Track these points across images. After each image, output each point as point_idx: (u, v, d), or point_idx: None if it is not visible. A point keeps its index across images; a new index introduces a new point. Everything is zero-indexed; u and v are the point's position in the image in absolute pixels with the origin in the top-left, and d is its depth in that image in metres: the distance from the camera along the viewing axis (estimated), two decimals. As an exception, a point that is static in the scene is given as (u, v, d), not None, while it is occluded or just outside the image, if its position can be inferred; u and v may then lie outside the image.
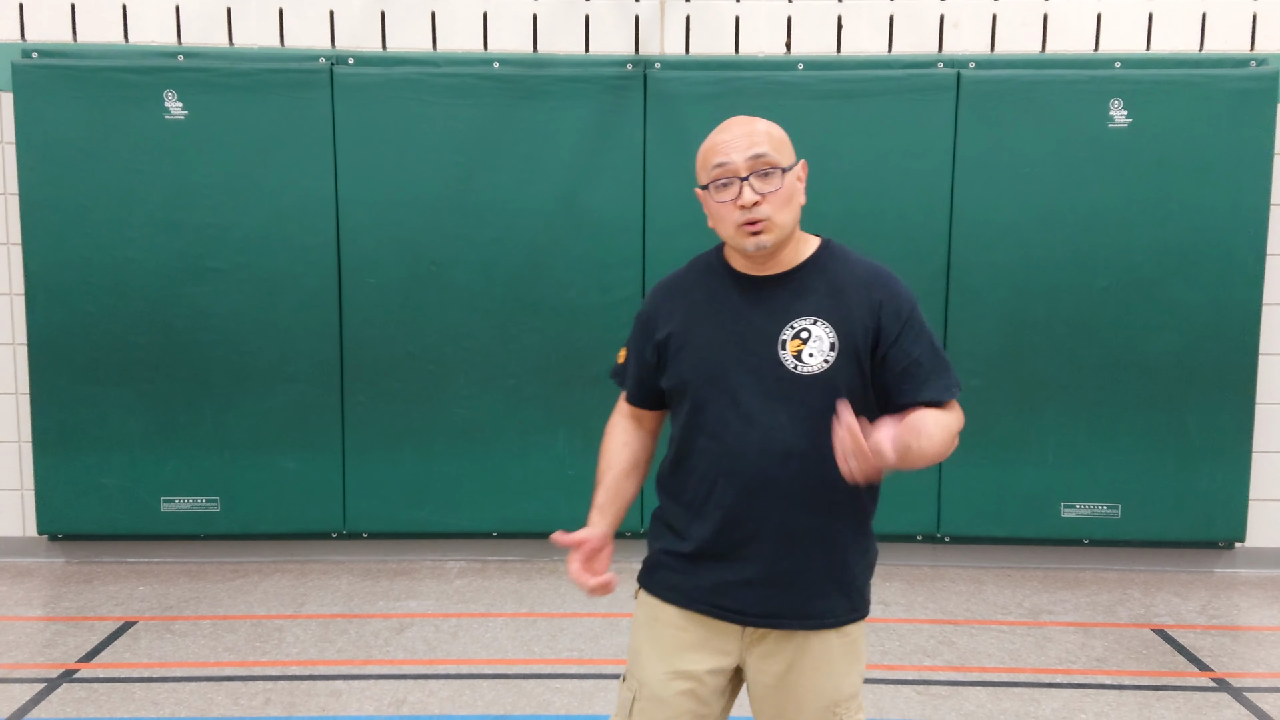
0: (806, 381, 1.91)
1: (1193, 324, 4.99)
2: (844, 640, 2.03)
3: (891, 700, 3.75)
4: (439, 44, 5.08)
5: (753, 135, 1.93)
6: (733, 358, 1.95)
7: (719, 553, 1.98)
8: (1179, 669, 4.08)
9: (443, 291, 5.03)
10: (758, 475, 1.93)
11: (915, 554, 5.26)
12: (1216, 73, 4.90)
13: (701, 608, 2.01)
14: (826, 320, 1.94)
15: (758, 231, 1.92)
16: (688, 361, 1.99)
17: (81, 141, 4.89)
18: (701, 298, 2.03)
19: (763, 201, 1.90)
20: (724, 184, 1.92)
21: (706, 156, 1.96)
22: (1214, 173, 4.91)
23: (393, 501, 5.14)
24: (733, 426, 1.94)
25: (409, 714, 3.60)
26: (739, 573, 1.97)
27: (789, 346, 1.93)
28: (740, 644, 2.02)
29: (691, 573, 2.01)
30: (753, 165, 1.91)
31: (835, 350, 1.92)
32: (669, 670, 2.02)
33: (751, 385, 1.93)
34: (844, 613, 2.03)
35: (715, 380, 1.95)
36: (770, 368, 1.93)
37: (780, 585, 1.97)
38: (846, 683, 2.04)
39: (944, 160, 4.95)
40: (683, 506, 2.03)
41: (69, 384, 5.01)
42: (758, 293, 1.99)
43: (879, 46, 5.09)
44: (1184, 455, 5.06)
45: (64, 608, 4.65)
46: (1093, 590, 4.95)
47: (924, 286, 5.01)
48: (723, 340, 1.97)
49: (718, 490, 1.96)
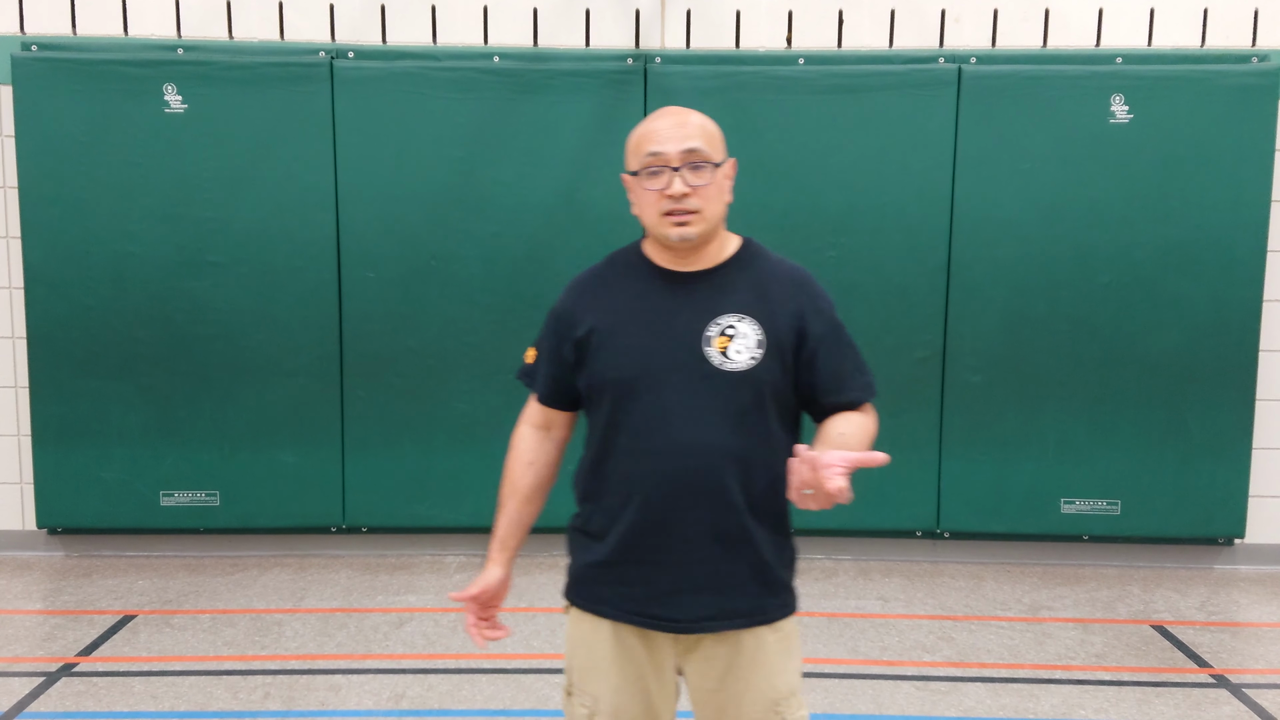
0: (733, 378, 1.90)
1: (1193, 320, 4.98)
2: (778, 636, 2.00)
3: (891, 696, 3.75)
4: (439, 38, 5.07)
5: (687, 127, 1.93)
6: (656, 355, 1.92)
7: (642, 558, 1.95)
8: (1178, 665, 4.08)
9: (443, 286, 5.03)
10: (680, 474, 1.90)
11: (915, 550, 5.26)
12: (1218, 68, 4.89)
13: (634, 619, 1.97)
14: (753, 317, 1.93)
15: (684, 223, 1.91)
16: (609, 359, 1.96)
17: (81, 135, 4.88)
18: (622, 294, 2.00)
19: (692, 194, 1.90)
20: (654, 172, 1.91)
21: (639, 143, 1.94)
22: (1215, 169, 4.90)
23: (392, 496, 5.14)
24: (655, 425, 1.91)
25: (408, 708, 3.61)
26: (666, 579, 1.94)
27: (715, 343, 1.91)
28: (675, 650, 2.00)
29: (618, 583, 1.98)
30: (685, 158, 1.90)
31: (762, 347, 1.91)
32: (622, 680, 2.00)
33: (676, 383, 1.90)
34: (774, 609, 2.00)
35: (638, 378, 1.92)
36: (696, 364, 1.90)
37: (708, 588, 1.94)
38: (784, 680, 2.01)
39: (945, 156, 4.95)
40: (603, 509, 2.00)
41: (68, 378, 5.00)
42: (681, 289, 1.97)
43: (880, 41, 5.08)
44: (1184, 451, 5.06)
45: (63, 601, 4.65)
46: (1092, 586, 4.95)
47: (924, 282, 5.01)
48: (646, 337, 1.94)
49: (639, 491, 1.93)
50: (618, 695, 2.01)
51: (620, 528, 1.96)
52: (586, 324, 1.99)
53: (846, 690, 3.79)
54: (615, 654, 2.00)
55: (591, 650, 2.04)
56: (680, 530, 1.92)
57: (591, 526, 2.03)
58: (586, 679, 2.04)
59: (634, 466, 1.93)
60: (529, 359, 2.17)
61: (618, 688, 2.01)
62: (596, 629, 2.02)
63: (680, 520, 1.91)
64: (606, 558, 1.98)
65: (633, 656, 2.00)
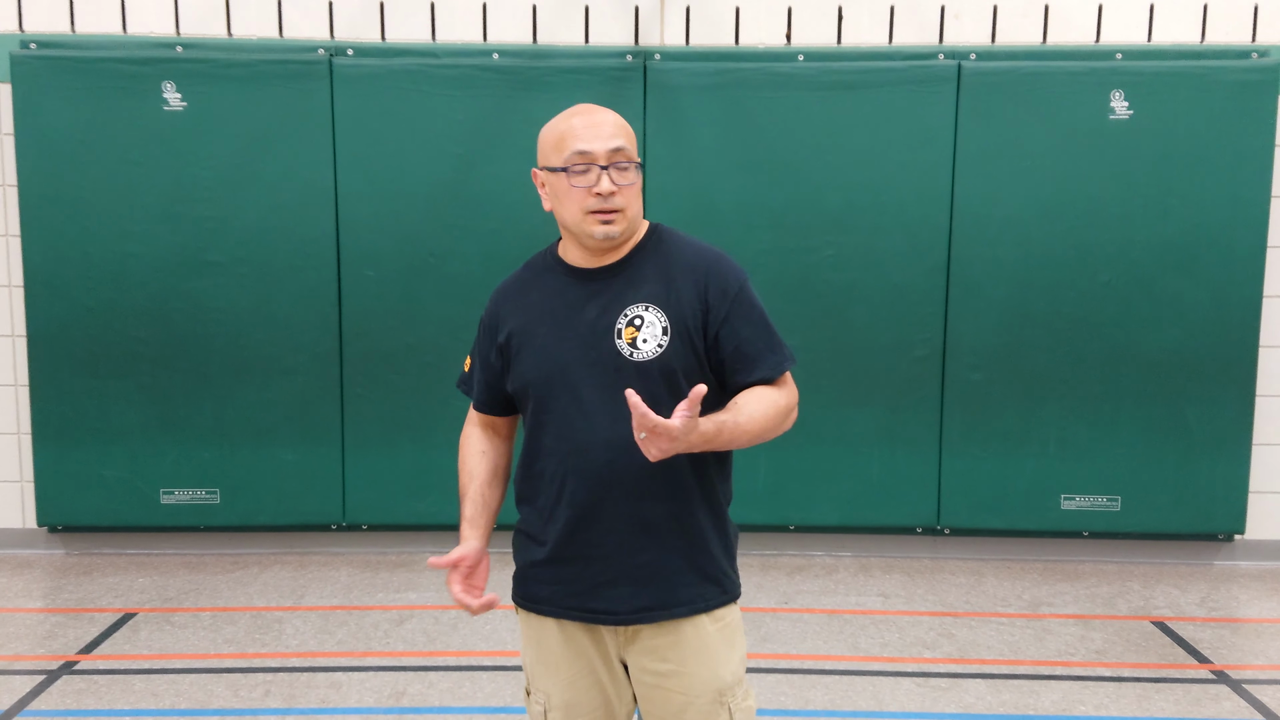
0: (643, 368, 1.91)
1: (1193, 317, 4.98)
2: (719, 625, 2.01)
3: (891, 692, 3.75)
4: (438, 35, 5.07)
5: (613, 126, 1.95)
6: (571, 353, 1.95)
7: (577, 553, 1.97)
8: (1178, 661, 4.08)
9: (442, 283, 5.03)
10: (605, 468, 1.91)
11: (915, 546, 5.27)
12: (1218, 64, 4.89)
13: (575, 615, 2.00)
14: (658, 305, 1.94)
15: (610, 221, 1.93)
16: (529, 361, 1.99)
17: (80, 133, 4.88)
18: (538, 296, 2.03)
19: (618, 193, 1.92)
20: (582, 170, 1.92)
21: (564, 140, 1.94)
22: (1215, 165, 4.90)
23: (392, 493, 5.14)
24: (576, 422, 1.93)
25: (409, 705, 3.61)
26: (601, 573, 1.96)
27: (624, 335, 1.93)
28: (616, 642, 2.02)
29: (557, 581, 2.01)
30: (612, 157, 1.92)
31: (668, 335, 1.93)
32: (572, 674, 2.03)
33: (592, 379, 1.92)
34: (713, 597, 2.01)
35: (556, 377, 1.95)
36: (609, 358, 1.92)
37: (643, 580, 1.96)
38: (727, 669, 2.02)
39: (944, 152, 4.94)
40: (537, 510, 2.03)
41: (69, 376, 5.00)
42: (592, 285, 1.99)
43: (880, 37, 5.08)
44: (1184, 448, 5.06)
45: (64, 599, 4.65)
46: (1092, 583, 4.96)
47: (924, 280, 5.01)
48: (560, 336, 1.96)
49: (568, 488, 1.95)
50: (569, 690, 2.04)
51: (554, 526, 1.99)
52: (507, 328, 2.04)
53: (847, 687, 3.79)
54: (563, 650, 2.04)
55: (540, 648, 2.08)
56: (610, 524, 1.94)
57: (529, 527, 2.07)
58: (538, 677, 2.09)
59: (560, 465, 1.96)
60: (466, 367, 2.20)
61: (569, 682, 2.04)
62: (543, 627, 2.06)
63: (609, 514, 1.94)
64: (545, 556, 2.02)
65: (581, 651, 2.03)
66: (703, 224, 4.84)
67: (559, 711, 2.05)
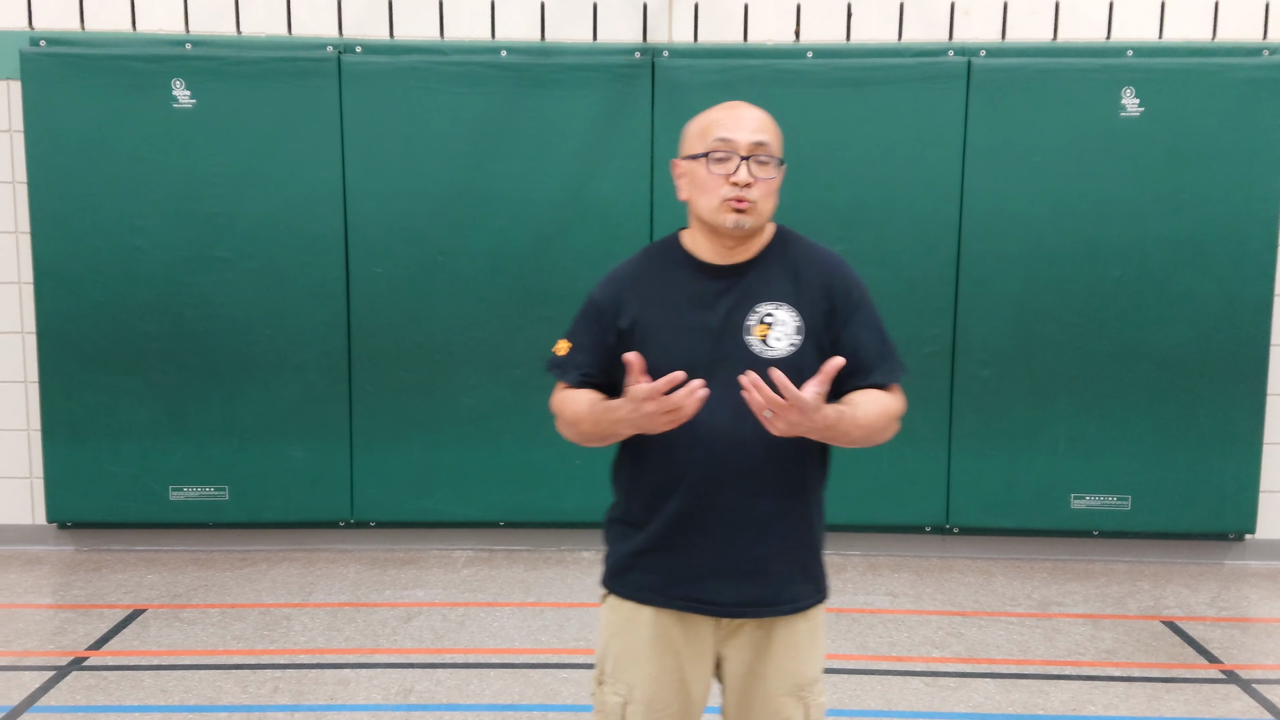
0: (775, 366, 1.90)
1: (1204, 314, 4.96)
2: (809, 624, 2.07)
3: (900, 692, 3.74)
4: (446, 32, 5.06)
5: (760, 121, 1.98)
6: (698, 346, 1.96)
7: (685, 543, 1.99)
8: (1188, 661, 4.07)
9: (450, 281, 5.03)
10: (724, 462, 1.94)
11: (924, 545, 5.25)
12: (1229, 61, 4.86)
13: (677, 604, 2.01)
14: (790, 305, 1.98)
15: (742, 210, 1.94)
16: (654, 351, 1.97)
17: (90, 130, 4.89)
18: (664, 287, 2.03)
19: (754, 185, 1.94)
20: (722, 157, 1.94)
21: (708, 129, 1.97)
22: (1226, 162, 4.87)
23: (400, 490, 5.15)
24: (700, 415, 1.91)
25: (416, 703, 3.61)
26: (708, 564, 1.98)
27: (755, 331, 1.96)
28: (716, 635, 2.04)
29: (662, 569, 2.01)
30: (753, 149, 1.94)
31: (800, 334, 1.97)
32: (658, 669, 2.03)
33: (720, 374, 1.92)
34: (809, 596, 2.06)
35: (682, 369, 1.91)
36: (738, 354, 1.95)
37: (750, 574, 1.99)
38: (810, 666, 2.06)
39: (954, 149, 4.93)
40: (643, 499, 2.03)
41: (78, 373, 5.01)
42: (721, 281, 2.01)
43: (889, 34, 5.06)
44: (1195, 447, 5.04)
45: (73, 596, 4.67)
46: (1102, 582, 4.94)
47: (933, 277, 4.99)
48: (689, 329, 1.98)
49: (684, 479, 1.96)
50: (653, 685, 2.04)
51: (663, 516, 1.99)
52: (630, 315, 2.03)
53: (855, 686, 3.78)
54: (653, 642, 2.03)
55: (629, 638, 2.06)
56: (721, 517, 1.97)
57: (632, 516, 2.06)
58: (622, 667, 2.07)
59: (678, 456, 1.96)
60: (560, 351, 2.15)
61: (654, 676, 2.04)
62: (635, 616, 2.05)
63: (722, 507, 1.96)
64: (649, 545, 2.02)
65: (670, 644, 2.03)
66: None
67: (640, 705, 2.04)
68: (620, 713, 2.06)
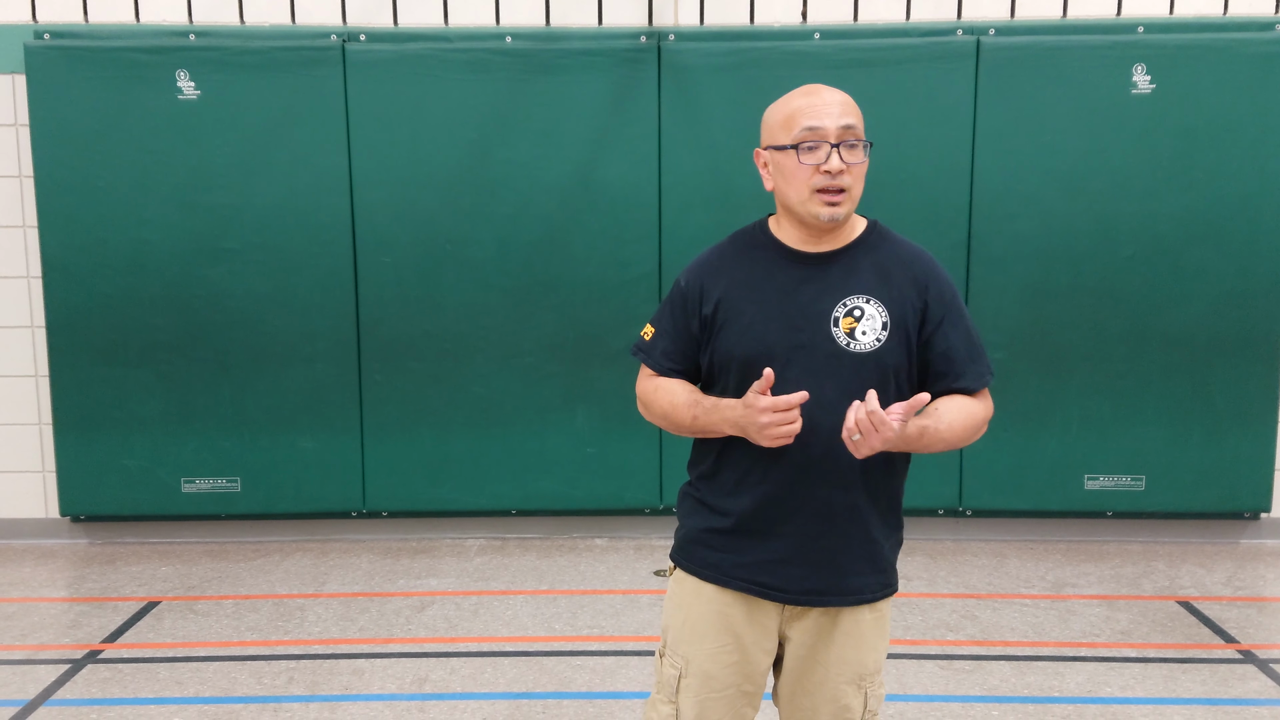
0: (858, 359, 1.92)
1: (1218, 291, 4.92)
2: (875, 615, 2.07)
3: (915, 675, 3.73)
4: (451, 19, 5.03)
5: (843, 104, 1.93)
6: (780, 334, 1.94)
7: (759, 529, 1.99)
8: (1204, 641, 4.05)
9: (459, 269, 5.01)
10: (803, 452, 1.93)
11: (937, 528, 5.24)
12: (1241, 36, 4.81)
13: (742, 585, 2.02)
14: (879, 299, 1.95)
15: (835, 202, 1.91)
16: (736, 336, 1.98)
17: (95, 123, 4.88)
18: (749, 272, 2.02)
19: (846, 171, 1.90)
20: (811, 147, 1.90)
21: (793, 118, 1.92)
22: (1238, 138, 4.83)
23: (412, 480, 5.15)
24: None
25: (431, 692, 3.61)
26: (778, 550, 1.99)
27: (842, 324, 1.93)
28: (780, 620, 2.05)
29: (731, 550, 2.02)
30: (843, 135, 1.90)
31: (887, 329, 1.94)
32: (716, 645, 2.04)
33: (800, 362, 1.92)
34: (877, 588, 2.05)
35: (765, 355, 1.94)
36: (821, 344, 1.93)
37: (818, 563, 1.99)
38: (873, 657, 2.07)
39: (964, 129, 4.89)
40: (720, 483, 2.03)
41: (88, 366, 5.02)
42: (808, 269, 1.99)
43: (897, 14, 5.01)
44: (1209, 426, 5.01)
45: (87, 589, 4.68)
46: (1116, 563, 4.92)
47: (945, 257, 4.89)
48: (773, 315, 1.96)
49: (761, 466, 1.96)
50: (710, 661, 2.05)
51: (741, 500, 2.00)
52: (714, 299, 2.02)
53: (870, 669, 3.77)
54: (715, 619, 2.05)
55: (690, 613, 2.08)
56: (797, 505, 1.97)
57: (708, 496, 2.07)
58: (681, 640, 2.08)
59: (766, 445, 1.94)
60: (647, 335, 2.15)
61: (711, 654, 2.05)
62: (699, 593, 2.06)
63: (798, 496, 1.96)
64: (725, 526, 2.03)
65: (731, 624, 2.04)
66: (720, 205, 4.81)
67: (695, 679, 2.06)
68: (675, 685, 2.08)
